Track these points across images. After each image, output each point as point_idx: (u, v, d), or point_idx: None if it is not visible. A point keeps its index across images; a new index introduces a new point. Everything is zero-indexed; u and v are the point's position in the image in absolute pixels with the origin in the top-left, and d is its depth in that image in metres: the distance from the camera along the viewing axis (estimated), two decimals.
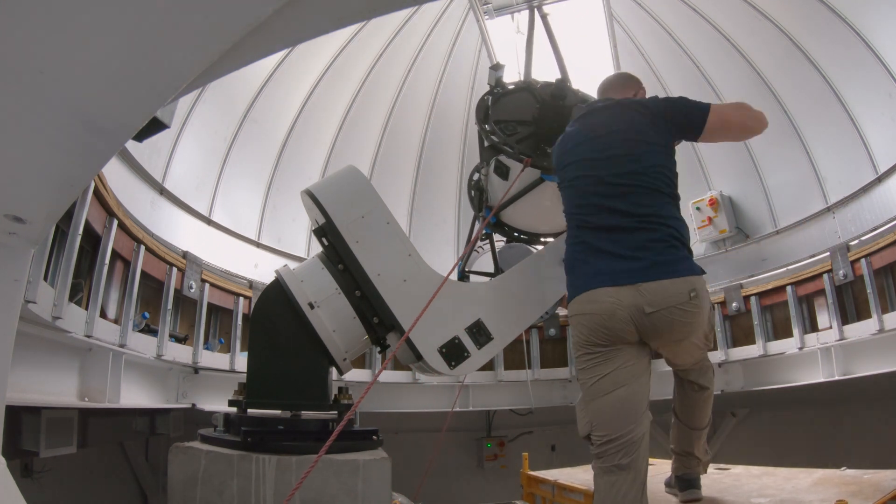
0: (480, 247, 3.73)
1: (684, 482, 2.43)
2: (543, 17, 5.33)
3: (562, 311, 5.79)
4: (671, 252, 1.95)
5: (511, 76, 4.49)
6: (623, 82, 2.44)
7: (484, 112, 3.08)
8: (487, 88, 3.33)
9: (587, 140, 2.20)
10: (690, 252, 2.04)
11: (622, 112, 2.20)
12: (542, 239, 3.26)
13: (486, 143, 3.01)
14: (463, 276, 3.57)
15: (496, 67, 3.36)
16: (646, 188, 2.02)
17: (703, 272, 2.00)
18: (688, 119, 2.12)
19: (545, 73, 4.67)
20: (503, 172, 2.95)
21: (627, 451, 1.87)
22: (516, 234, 3.27)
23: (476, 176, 3.34)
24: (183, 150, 5.02)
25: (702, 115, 2.10)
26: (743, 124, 2.16)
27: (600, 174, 2.10)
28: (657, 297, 1.89)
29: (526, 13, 5.69)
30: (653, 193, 2.02)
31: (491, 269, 3.50)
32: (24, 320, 2.34)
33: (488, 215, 3.11)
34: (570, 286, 2.12)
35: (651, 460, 2.83)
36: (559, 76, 3.79)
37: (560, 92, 2.94)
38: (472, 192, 3.33)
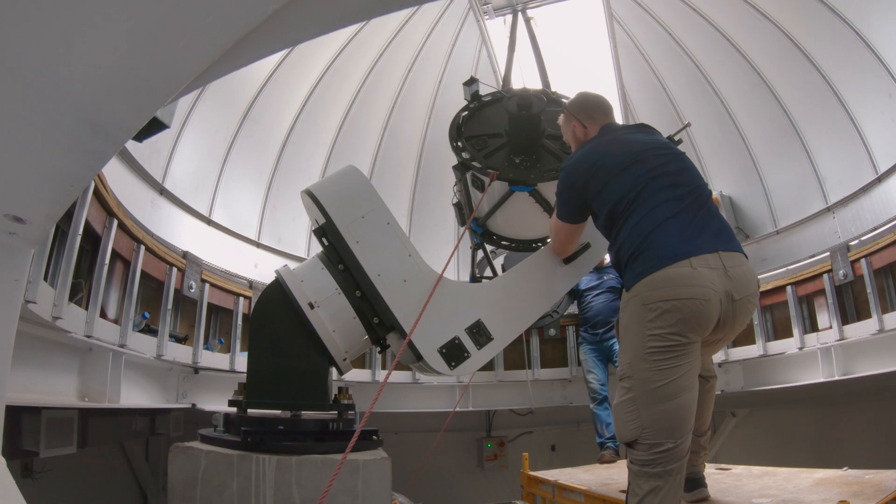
0: (492, 251, 3.78)
1: (690, 482, 2.42)
2: (527, 21, 5.34)
3: (567, 311, 5.83)
4: (733, 233, 2.05)
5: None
6: (612, 111, 2.53)
7: (456, 129, 3.12)
8: (485, 89, 3.35)
9: (620, 150, 2.19)
10: None
11: (650, 133, 2.40)
12: (533, 245, 3.30)
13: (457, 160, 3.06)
14: (474, 282, 3.65)
15: (469, 83, 3.39)
16: (696, 184, 2.11)
17: None
18: None
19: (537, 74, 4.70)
20: (479, 186, 2.99)
21: (676, 457, 1.77)
22: (504, 243, 3.32)
23: (454, 192, 3.43)
24: (183, 150, 5.02)
25: None
26: None
27: (646, 168, 2.07)
28: (743, 283, 1.90)
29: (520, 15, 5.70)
30: (704, 189, 2.12)
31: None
32: (24, 320, 2.34)
33: (475, 228, 3.23)
34: (650, 265, 1.87)
35: None
36: (540, 83, 3.84)
37: (524, 102, 2.95)
38: (454, 207, 3.49)
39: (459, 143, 3.05)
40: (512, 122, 3.00)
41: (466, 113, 3.22)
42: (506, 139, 3.06)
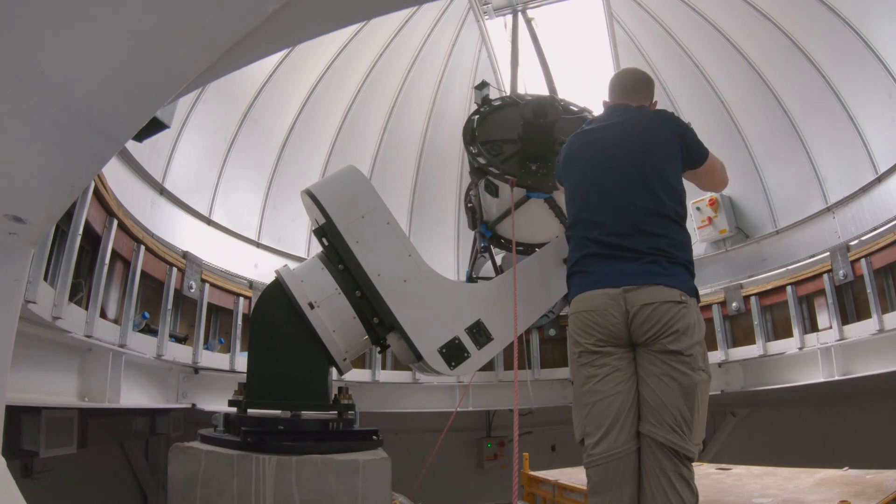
0: (483, 255, 3.80)
1: None
2: (528, 21, 5.33)
3: (563, 311, 5.82)
4: (669, 269, 1.98)
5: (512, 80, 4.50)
6: (639, 88, 2.43)
7: (470, 134, 3.12)
8: (491, 92, 3.37)
9: (597, 150, 2.22)
10: (692, 274, 2.05)
11: (638, 123, 2.22)
12: (538, 249, 3.31)
13: (474, 165, 3.06)
14: (471, 282, 3.66)
15: (481, 86, 3.40)
16: (651, 210, 2.03)
17: (696, 294, 2.02)
18: (696, 151, 2.20)
19: (540, 75, 4.67)
20: (493, 191, 3.01)
21: (608, 458, 1.90)
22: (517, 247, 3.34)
23: (469, 196, 3.44)
24: (183, 150, 5.02)
25: (705, 153, 2.22)
26: (722, 180, 2.38)
27: (606, 187, 2.12)
28: (649, 295, 1.94)
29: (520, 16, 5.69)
30: (657, 214, 2.03)
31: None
32: (24, 320, 2.34)
33: (485, 232, 3.25)
34: (571, 293, 2.16)
35: None
36: (548, 89, 3.84)
37: (540, 109, 2.97)
38: (467, 211, 3.49)
39: (474, 149, 3.06)
40: (527, 129, 3.01)
41: (478, 117, 3.23)
42: (520, 145, 3.08)
